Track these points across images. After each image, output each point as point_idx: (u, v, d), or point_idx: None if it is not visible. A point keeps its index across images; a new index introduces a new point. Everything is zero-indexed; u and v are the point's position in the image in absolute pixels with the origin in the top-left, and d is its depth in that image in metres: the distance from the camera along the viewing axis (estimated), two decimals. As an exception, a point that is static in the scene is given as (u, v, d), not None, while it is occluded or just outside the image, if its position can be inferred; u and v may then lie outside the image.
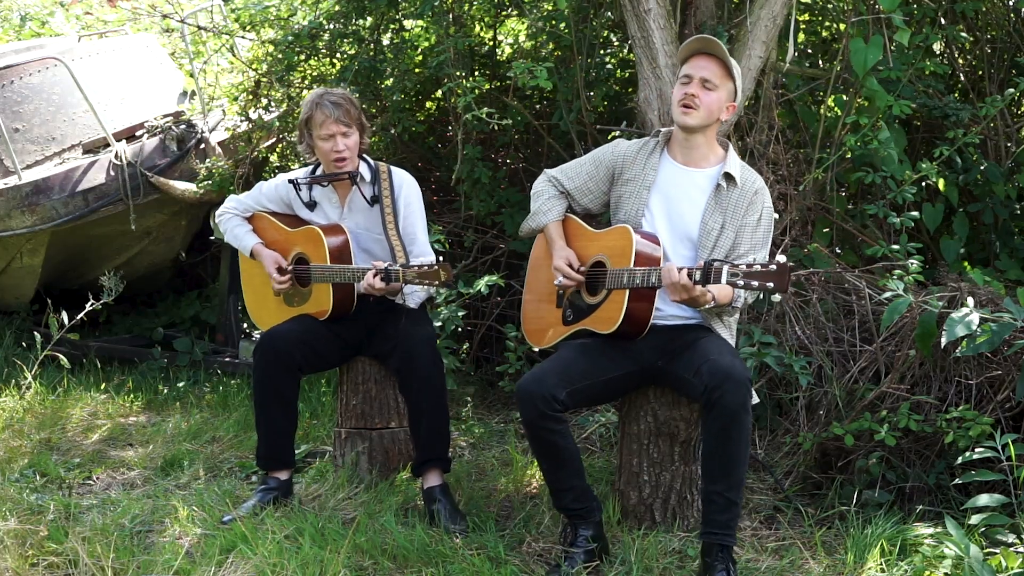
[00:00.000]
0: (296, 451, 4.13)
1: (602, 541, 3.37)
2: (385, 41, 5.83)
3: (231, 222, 4.20)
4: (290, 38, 5.55)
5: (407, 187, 4.03)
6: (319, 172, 4.04)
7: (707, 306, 3.22)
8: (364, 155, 4.07)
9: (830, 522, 3.72)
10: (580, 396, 3.35)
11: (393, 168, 4.08)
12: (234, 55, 6.15)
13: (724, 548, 3.17)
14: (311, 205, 4.07)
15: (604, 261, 3.45)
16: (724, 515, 3.17)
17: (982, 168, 5.11)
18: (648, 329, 3.38)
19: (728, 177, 3.46)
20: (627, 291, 3.31)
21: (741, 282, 2.99)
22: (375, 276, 3.69)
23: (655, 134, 3.62)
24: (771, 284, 2.95)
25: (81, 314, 5.07)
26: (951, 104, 5.01)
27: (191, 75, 6.63)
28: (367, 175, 4.01)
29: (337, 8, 5.64)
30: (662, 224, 3.48)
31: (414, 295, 3.95)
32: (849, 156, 4.73)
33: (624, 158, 3.60)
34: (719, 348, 3.31)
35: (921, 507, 3.71)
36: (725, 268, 3.01)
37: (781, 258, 2.97)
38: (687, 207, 3.48)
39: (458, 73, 4.99)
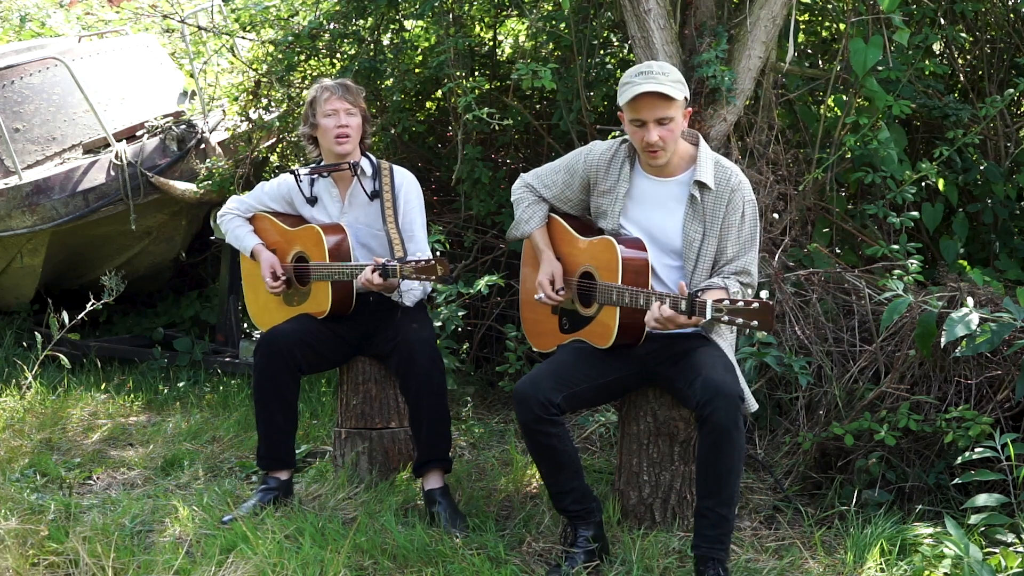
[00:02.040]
0: (296, 451, 4.13)
1: (602, 541, 3.37)
2: (385, 41, 5.83)
3: (232, 223, 4.21)
4: (290, 38, 5.55)
5: (408, 184, 4.04)
6: (321, 164, 4.06)
7: (703, 322, 3.20)
8: (367, 152, 4.08)
9: (830, 522, 3.72)
10: (577, 399, 3.35)
11: (395, 166, 4.10)
12: (234, 55, 6.15)
13: (716, 560, 3.17)
14: (312, 200, 4.08)
15: (593, 273, 3.44)
16: (715, 530, 3.17)
17: (982, 168, 5.12)
18: (645, 336, 3.38)
19: (701, 186, 3.37)
20: (618, 307, 3.31)
21: (725, 317, 2.96)
22: (373, 271, 3.70)
23: (622, 140, 3.51)
24: (755, 322, 2.92)
25: (82, 314, 5.07)
26: (951, 104, 5.01)
27: (191, 75, 6.63)
28: (368, 170, 4.03)
29: (337, 8, 5.64)
30: (643, 238, 3.42)
31: (411, 293, 3.96)
32: (849, 156, 4.73)
33: (597, 167, 3.51)
34: (712, 361, 3.27)
35: (921, 507, 3.71)
36: (709, 303, 2.99)
37: (764, 294, 2.94)
38: (666, 219, 3.42)
39: (458, 73, 5.00)
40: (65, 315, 4.89)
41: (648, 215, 3.44)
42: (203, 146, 6.02)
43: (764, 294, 2.94)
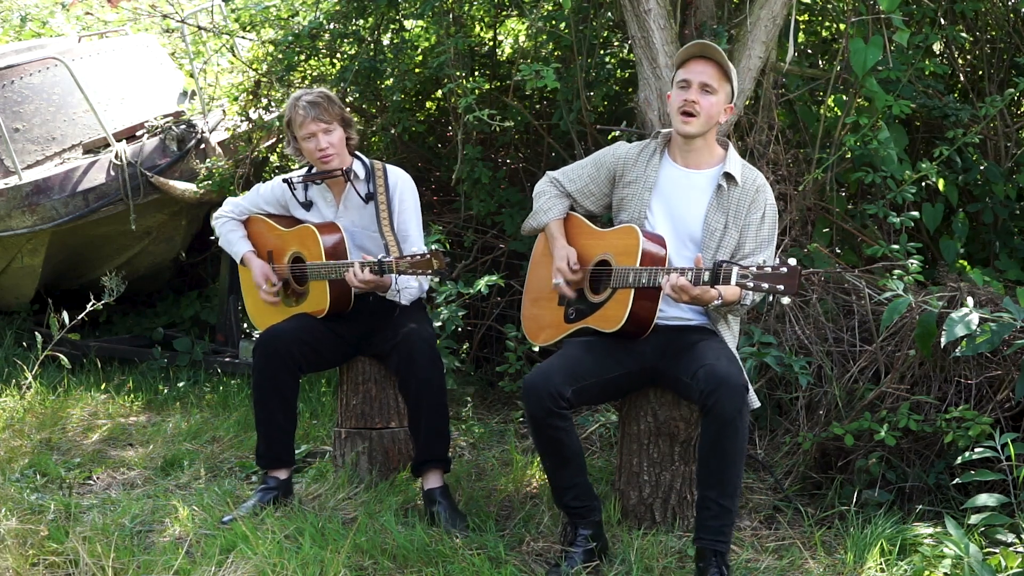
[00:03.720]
0: (296, 451, 4.13)
1: (602, 541, 3.37)
2: (385, 41, 5.83)
3: (226, 227, 4.22)
4: (290, 38, 5.55)
5: (402, 184, 4.04)
6: (313, 171, 4.05)
7: (715, 303, 3.21)
8: (358, 153, 4.07)
9: (830, 522, 3.72)
10: (585, 394, 3.36)
11: (388, 166, 4.09)
12: (234, 55, 6.15)
13: (718, 553, 3.17)
14: (307, 205, 4.08)
15: (609, 260, 3.45)
16: (717, 522, 3.17)
17: (982, 168, 5.11)
18: (651, 329, 3.39)
19: (728, 177, 3.45)
20: (632, 290, 3.31)
21: (751, 284, 2.98)
22: (363, 268, 3.70)
23: (655, 135, 3.61)
24: (781, 286, 2.94)
25: (82, 314, 5.07)
26: (951, 104, 5.01)
27: (191, 75, 6.63)
28: (361, 173, 4.02)
29: (337, 8, 5.64)
30: (665, 226, 3.47)
31: (408, 291, 3.95)
32: (849, 156, 4.73)
33: (625, 160, 3.59)
34: (716, 353, 3.30)
35: (921, 507, 3.72)
36: (735, 269, 3.01)
37: (792, 260, 2.96)
38: (689, 209, 3.47)
39: (458, 73, 5.00)
40: (65, 315, 4.89)
41: (672, 202, 3.49)
42: (203, 146, 6.02)
43: (792, 261, 2.95)
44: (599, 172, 3.64)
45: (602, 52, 5.49)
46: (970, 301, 3.76)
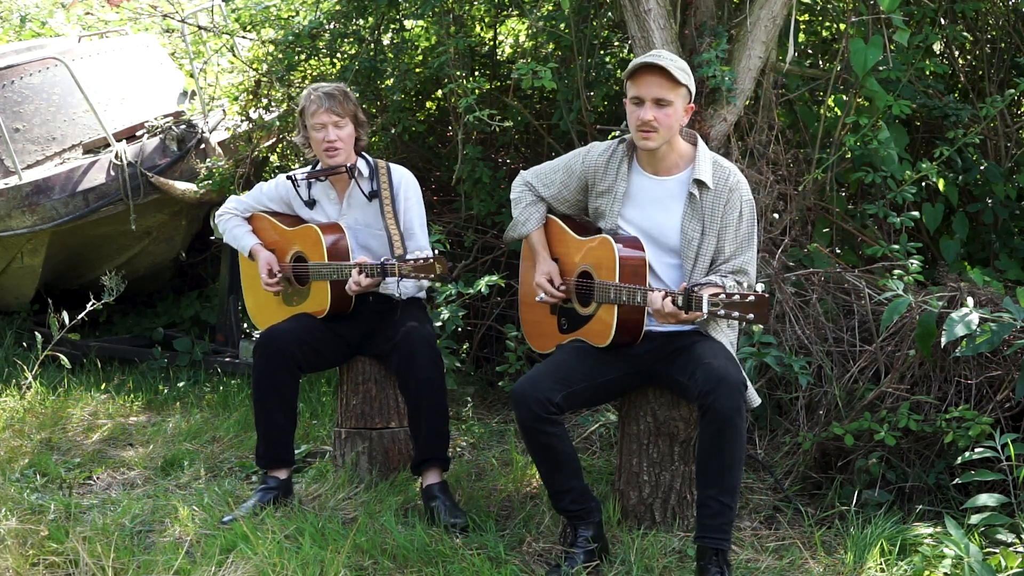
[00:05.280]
0: (296, 451, 4.14)
1: (602, 541, 3.37)
2: (385, 41, 5.83)
3: (230, 222, 4.22)
4: (290, 38, 5.55)
5: (406, 182, 4.05)
6: (317, 168, 4.06)
7: (700, 319, 3.20)
8: (363, 153, 4.07)
9: (830, 522, 3.72)
10: (576, 399, 3.35)
11: (392, 164, 4.09)
12: (234, 55, 6.15)
13: (719, 552, 3.17)
14: (310, 203, 4.08)
15: (591, 272, 3.44)
16: (717, 520, 3.17)
17: (982, 168, 5.12)
18: (643, 335, 3.38)
19: (700, 184, 3.38)
20: (615, 305, 3.31)
21: (722, 311, 2.97)
22: (359, 273, 3.71)
23: (621, 140, 3.53)
24: (751, 315, 2.94)
25: (82, 314, 5.07)
26: (951, 104, 5.01)
27: (191, 75, 6.63)
28: (365, 171, 4.02)
29: (337, 8, 5.65)
30: (642, 237, 3.43)
31: (405, 284, 3.95)
32: (849, 156, 4.73)
33: (595, 168, 3.52)
34: (713, 352, 3.29)
35: (921, 507, 3.72)
36: (705, 297, 3.00)
37: (759, 287, 2.95)
38: (664, 217, 3.42)
39: (458, 73, 5.00)
40: (65, 315, 4.89)
41: (646, 214, 3.45)
42: (203, 146, 6.02)
43: (759, 287, 2.95)
44: (570, 179, 3.59)
45: (602, 52, 5.49)
46: (970, 301, 3.76)
